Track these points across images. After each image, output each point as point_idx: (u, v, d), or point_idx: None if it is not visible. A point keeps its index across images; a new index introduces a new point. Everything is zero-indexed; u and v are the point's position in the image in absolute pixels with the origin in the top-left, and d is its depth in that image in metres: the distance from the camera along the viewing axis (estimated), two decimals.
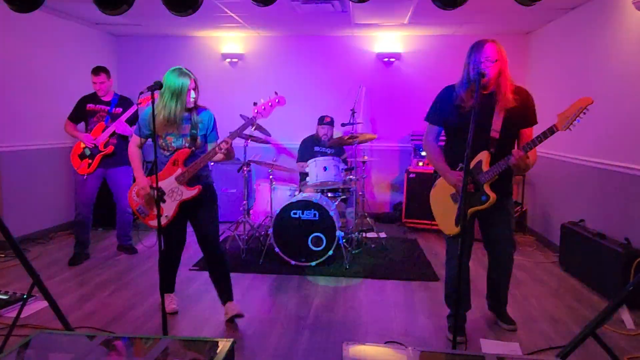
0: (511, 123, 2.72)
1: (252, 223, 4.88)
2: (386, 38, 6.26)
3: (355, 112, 5.21)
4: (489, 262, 3.04)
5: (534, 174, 5.55)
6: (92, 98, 4.38)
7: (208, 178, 3.09)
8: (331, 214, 4.19)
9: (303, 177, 5.00)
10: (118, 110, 4.36)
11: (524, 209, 5.71)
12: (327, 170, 4.42)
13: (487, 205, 2.70)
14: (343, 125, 5.04)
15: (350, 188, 4.66)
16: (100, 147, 4.25)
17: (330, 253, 4.21)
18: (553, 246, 4.85)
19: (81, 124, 4.44)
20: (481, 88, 2.54)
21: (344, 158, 5.17)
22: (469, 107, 2.63)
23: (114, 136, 4.29)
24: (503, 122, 2.70)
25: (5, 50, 4.72)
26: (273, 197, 4.65)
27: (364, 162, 5.20)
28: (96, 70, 4.35)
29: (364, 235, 5.02)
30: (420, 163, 5.80)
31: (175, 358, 1.95)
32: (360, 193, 5.05)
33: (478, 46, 2.63)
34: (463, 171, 2.70)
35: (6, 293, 3.41)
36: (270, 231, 4.31)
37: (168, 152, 2.92)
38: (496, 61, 2.60)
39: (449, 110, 2.77)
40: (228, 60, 6.46)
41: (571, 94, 4.58)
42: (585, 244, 3.91)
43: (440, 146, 2.93)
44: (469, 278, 3.05)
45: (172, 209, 2.94)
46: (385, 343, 2.79)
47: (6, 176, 4.75)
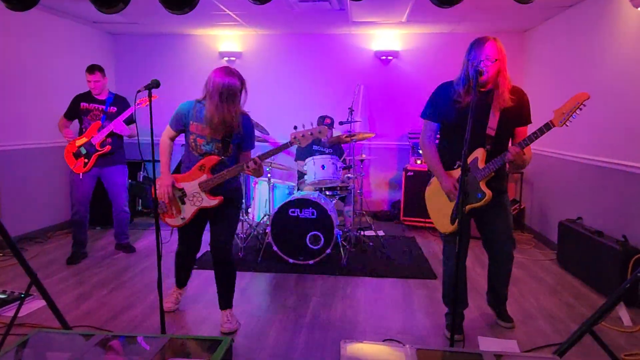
0: (507, 121, 2.72)
1: (251, 221, 4.88)
2: (384, 36, 6.25)
3: (353, 111, 5.21)
4: (489, 260, 3.03)
5: (532, 172, 5.57)
6: (86, 97, 4.34)
7: (237, 181, 3.02)
8: (329, 213, 4.19)
9: (301, 176, 5.00)
10: (113, 109, 4.33)
11: (522, 207, 5.72)
12: (325, 168, 4.42)
13: (483, 202, 2.69)
14: (341, 123, 5.04)
15: (348, 186, 4.66)
16: (97, 147, 4.23)
17: (328, 251, 4.21)
18: (551, 244, 4.86)
19: (75, 122, 4.39)
20: (479, 86, 2.54)
21: (344, 158, 5.16)
22: (466, 104, 2.63)
23: (110, 136, 4.27)
24: (499, 120, 2.69)
25: (1, 48, 4.71)
26: (271, 196, 4.65)
27: (362, 161, 5.20)
28: (91, 68, 4.30)
29: (362, 233, 5.02)
30: (418, 161, 5.81)
31: (173, 356, 1.95)
32: (358, 191, 5.05)
33: (479, 44, 2.61)
34: (458, 175, 2.72)
35: (4, 292, 3.41)
36: (268, 230, 4.31)
37: (197, 154, 2.85)
38: (496, 60, 2.59)
39: (446, 106, 2.77)
40: (226, 58, 6.45)
41: (568, 92, 4.55)
42: (582, 242, 3.92)
43: (436, 144, 2.93)
44: (466, 276, 3.06)
45: (190, 214, 2.89)
46: (383, 341, 2.79)
47: (3, 175, 4.74)
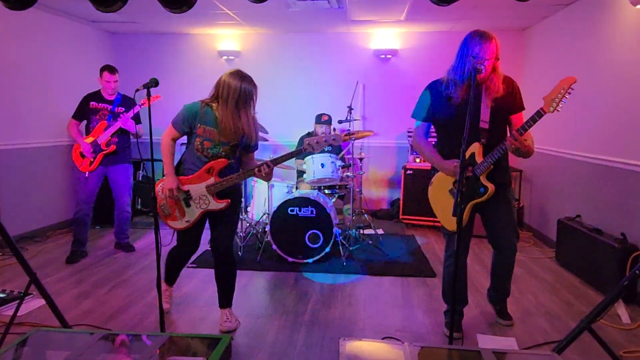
0: (499, 112, 2.71)
1: (250, 220, 4.88)
2: (383, 34, 6.25)
3: (352, 109, 5.22)
4: (494, 253, 3.02)
5: (531, 170, 5.57)
6: (96, 96, 4.37)
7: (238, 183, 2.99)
8: (328, 211, 4.20)
9: (300, 174, 5.00)
10: (120, 109, 4.37)
11: (521, 205, 5.73)
12: (324, 167, 4.42)
13: (487, 196, 2.69)
14: (340, 122, 5.04)
15: (347, 185, 4.67)
16: (102, 146, 4.27)
17: (327, 250, 4.21)
18: (549, 242, 4.87)
19: (83, 122, 4.44)
20: (477, 83, 2.54)
21: (342, 156, 5.16)
22: (459, 99, 2.63)
23: (116, 135, 4.30)
24: (491, 112, 2.69)
25: (0, 48, 4.71)
26: (270, 194, 4.65)
27: (361, 159, 5.20)
28: (112, 69, 4.33)
29: (362, 232, 5.03)
30: (417, 160, 5.81)
31: (172, 355, 1.96)
32: (357, 190, 5.05)
33: (482, 40, 2.56)
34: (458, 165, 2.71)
35: (3, 291, 3.41)
36: (267, 228, 4.31)
37: (203, 157, 2.81)
38: (496, 59, 2.60)
39: (438, 103, 2.75)
40: (225, 57, 6.45)
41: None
42: (581, 240, 3.93)
43: (429, 141, 2.91)
44: (466, 274, 3.06)
45: (195, 216, 2.86)
46: (382, 339, 2.80)
47: (3, 174, 4.74)
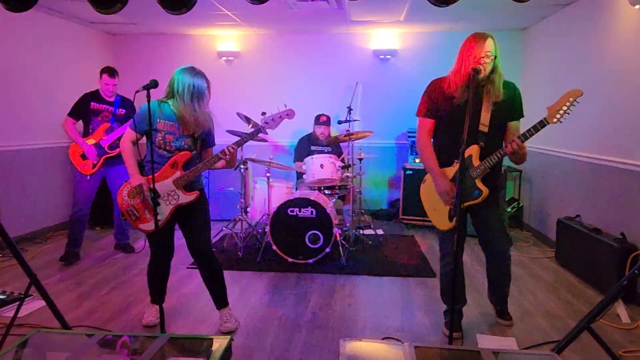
0: (499, 116, 2.72)
1: (250, 221, 4.89)
2: (382, 35, 6.26)
3: (351, 109, 5.22)
4: (487, 259, 3.02)
5: (530, 170, 5.58)
6: (96, 97, 4.31)
7: (200, 183, 2.98)
8: (328, 212, 4.20)
9: (300, 175, 5.00)
10: (121, 111, 4.34)
11: (521, 205, 5.73)
12: (324, 167, 4.42)
13: (481, 199, 2.70)
14: (340, 122, 5.05)
15: (347, 185, 4.67)
16: (106, 149, 4.24)
17: (327, 250, 4.22)
18: (549, 241, 4.87)
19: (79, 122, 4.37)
20: (476, 83, 2.55)
21: (343, 158, 5.16)
22: (461, 99, 2.63)
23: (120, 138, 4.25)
24: (491, 117, 2.70)
25: (0, 49, 4.71)
26: (270, 195, 4.65)
27: (361, 159, 5.21)
28: (112, 71, 4.28)
29: (361, 232, 5.03)
30: (416, 160, 5.82)
31: (172, 356, 1.96)
32: (357, 190, 5.06)
33: (479, 40, 2.59)
34: (453, 174, 2.72)
35: (4, 293, 3.41)
36: (267, 229, 4.32)
37: (165, 152, 2.80)
38: (494, 58, 2.60)
39: (441, 101, 2.75)
40: (224, 58, 6.45)
41: (566, 90, 4.58)
42: (581, 239, 3.94)
43: (432, 142, 2.92)
44: (464, 273, 3.06)
45: (166, 213, 2.81)
46: (382, 339, 2.80)
47: (3, 175, 4.74)
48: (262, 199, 4.83)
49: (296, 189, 4.86)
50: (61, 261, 4.24)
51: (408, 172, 5.73)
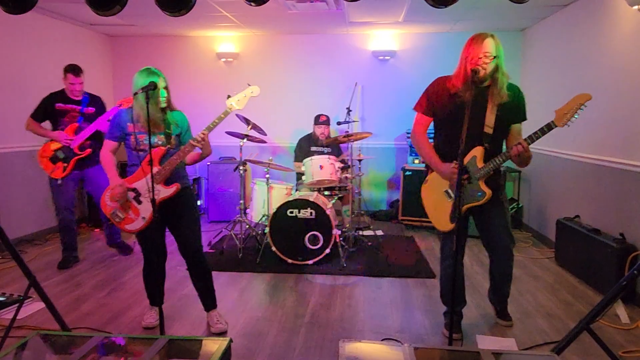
0: (503, 119, 2.71)
1: (249, 222, 4.89)
2: (381, 36, 6.27)
3: (351, 111, 5.22)
4: (490, 259, 3.00)
5: (530, 171, 5.58)
6: (61, 97, 4.10)
7: (185, 180, 2.98)
8: (327, 213, 4.20)
9: (299, 176, 5.00)
10: (90, 109, 4.16)
11: (520, 206, 5.73)
12: (323, 168, 4.42)
13: (484, 201, 2.69)
14: (339, 123, 5.05)
15: (346, 186, 4.67)
16: (75, 150, 4.07)
17: (327, 251, 4.22)
18: (548, 242, 4.88)
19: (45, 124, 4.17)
20: (477, 83, 2.54)
21: (342, 158, 5.16)
22: (464, 99, 2.62)
23: (90, 138, 4.10)
24: (496, 118, 2.69)
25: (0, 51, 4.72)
26: (269, 196, 4.65)
27: (360, 160, 5.21)
28: (76, 70, 4.06)
29: (361, 233, 5.03)
30: (416, 161, 5.82)
31: (172, 357, 1.96)
32: (356, 191, 5.06)
33: (477, 41, 2.58)
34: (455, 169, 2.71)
35: (3, 294, 3.41)
36: (267, 230, 4.32)
37: (142, 152, 2.81)
38: (494, 57, 2.58)
39: (443, 100, 2.73)
40: (223, 59, 6.45)
41: (565, 90, 4.60)
42: (580, 240, 3.94)
43: (427, 137, 2.90)
44: (464, 274, 3.06)
45: (149, 210, 2.80)
46: (382, 340, 2.80)
47: (1, 177, 4.74)
48: (262, 200, 4.83)
49: (296, 190, 4.86)
50: (60, 269, 4.15)
51: (407, 173, 5.74)
